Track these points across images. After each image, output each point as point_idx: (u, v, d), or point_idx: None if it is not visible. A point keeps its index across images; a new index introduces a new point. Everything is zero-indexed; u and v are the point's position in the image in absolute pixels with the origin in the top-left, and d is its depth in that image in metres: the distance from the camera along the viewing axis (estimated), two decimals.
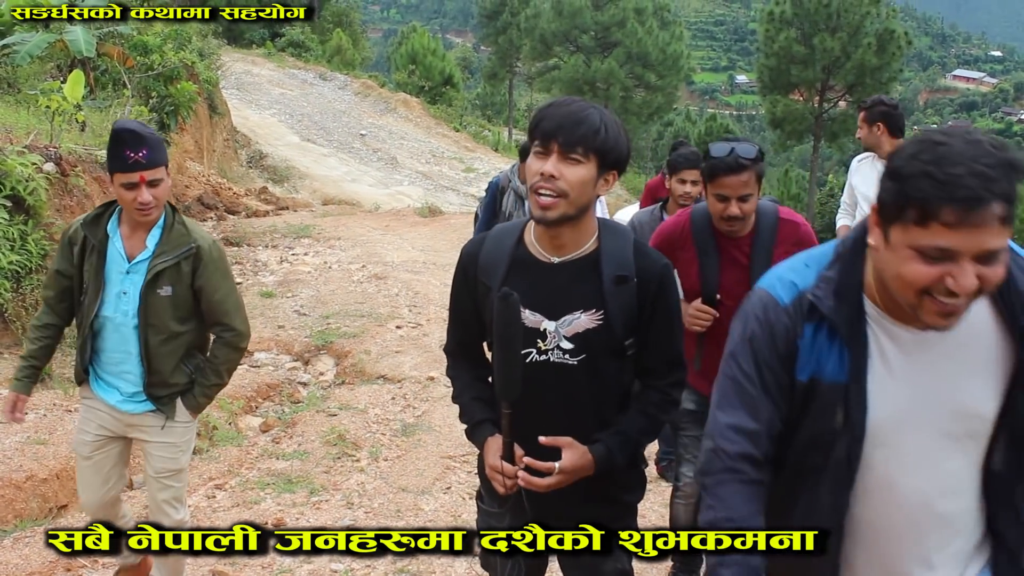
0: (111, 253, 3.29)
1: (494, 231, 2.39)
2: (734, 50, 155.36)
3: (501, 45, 48.50)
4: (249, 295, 9.15)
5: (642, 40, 38.49)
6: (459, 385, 2.51)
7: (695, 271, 3.42)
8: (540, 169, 2.14)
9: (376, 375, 7.03)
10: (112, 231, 3.31)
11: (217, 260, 3.35)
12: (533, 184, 2.16)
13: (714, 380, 1.91)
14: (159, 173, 3.16)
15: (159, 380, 3.35)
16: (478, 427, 2.40)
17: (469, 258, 2.38)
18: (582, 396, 2.30)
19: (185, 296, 3.31)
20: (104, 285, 3.28)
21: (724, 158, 3.19)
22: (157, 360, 3.32)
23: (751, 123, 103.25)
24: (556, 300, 2.25)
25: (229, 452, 5.59)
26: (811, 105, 33.04)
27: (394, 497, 5.01)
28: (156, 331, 3.29)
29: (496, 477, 2.27)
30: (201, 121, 16.02)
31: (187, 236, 3.31)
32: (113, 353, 3.36)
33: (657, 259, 2.34)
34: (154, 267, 3.25)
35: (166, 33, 13.21)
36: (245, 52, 31.22)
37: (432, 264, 10.81)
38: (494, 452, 2.29)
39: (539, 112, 2.21)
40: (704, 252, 3.40)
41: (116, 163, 3.12)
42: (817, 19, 31.64)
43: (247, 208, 14.27)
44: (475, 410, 2.42)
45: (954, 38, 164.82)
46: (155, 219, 3.24)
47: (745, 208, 3.25)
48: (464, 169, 22.93)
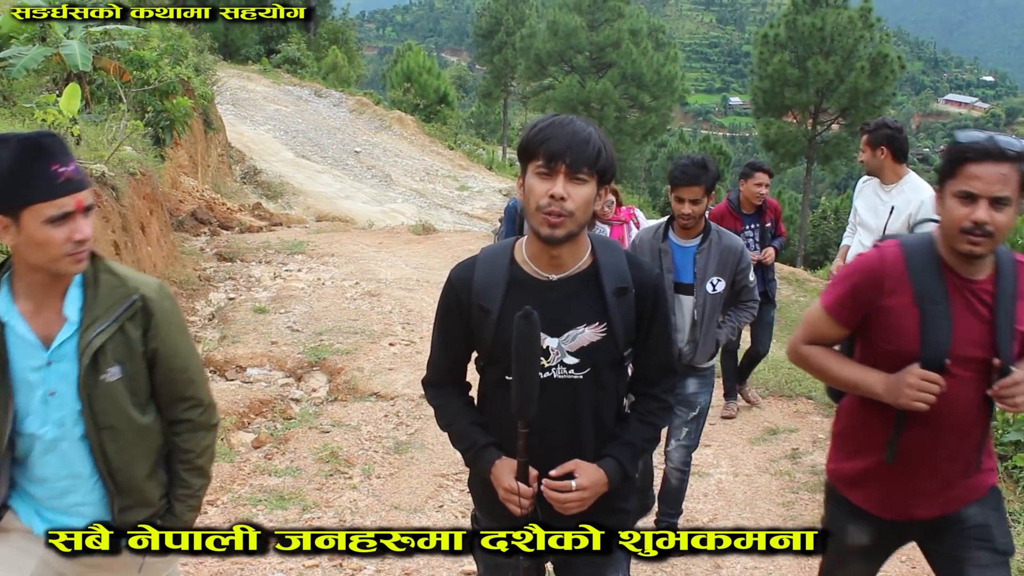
0: (13, 344, 2.24)
1: (482, 254, 2.38)
2: (728, 72, 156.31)
3: (496, 64, 48.77)
4: (242, 311, 9.14)
5: (637, 61, 38.75)
6: (450, 412, 2.48)
7: (913, 324, 2.48)
8: (549, 191, 2.15)
9: (369, 392, 7.02)
10: (5, 311, 2.25)
11: (170, 312, 2.41)
12: (541, 205, 2.16)
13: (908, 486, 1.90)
14: (91, 195, 2.23)
15: (136, 500, 2.41)
16: (483, 451, 2.37)
17: (461, 283, 2.35)
18: (584, 409, 2.32)
19: (141, 372, 2.37)
20: (13, 392, 2.25)
21: (982, 143, 2.34)
22: (125, 474, 2.37)
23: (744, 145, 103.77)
24: (558, 316, 2.26)
25: (221, 468, 5.55)
26: (804, 127, 33.24)
27: (387, 515, 4.99)
28: (115, 434, 2.33)
29: (512, 499, 2.27)
30: (196, 136, 16.05)
31: (123, 286, 2.33)
32: (54, 484, 2.34)
33: (650, 269, 2.40)
34: (88, 344, 2.25)
35: (162, 48, 13.24)
36: (241, 68, 31.31)
37: (425, 282, 10.80)
38: (508, 474, 2.29)
39: (539, 132, 2.19)
40: (928, 298, 2.46)
41: (38, 188, 2.12)
42: (811, 42, 31.87)
43: (241, 224, 14.27)
44: (476, 434, 2.40)
45: (946, 63, 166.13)
46: (81, 268, 2.26)
47: (998, 220, 2.35)
48: (458, 187, 22.97)
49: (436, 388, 2.52)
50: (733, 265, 4.24)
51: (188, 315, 8.94)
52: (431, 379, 2.53)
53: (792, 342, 2.75)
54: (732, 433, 6.38)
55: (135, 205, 8.89)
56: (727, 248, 4.23)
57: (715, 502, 5.28)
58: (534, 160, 2.18)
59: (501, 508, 2.33)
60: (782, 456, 5.94)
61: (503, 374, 2.28)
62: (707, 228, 4.26)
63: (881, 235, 5.02)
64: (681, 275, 4.25)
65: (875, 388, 2.53)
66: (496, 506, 2.36)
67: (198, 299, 9.54)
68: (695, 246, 4.24)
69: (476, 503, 2.55)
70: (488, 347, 2.32)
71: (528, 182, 2.20)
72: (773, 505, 5.23)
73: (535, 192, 2.17)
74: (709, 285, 4.21)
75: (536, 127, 2.21)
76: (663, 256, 4.24)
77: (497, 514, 2.40)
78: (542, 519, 2.30)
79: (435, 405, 2.53)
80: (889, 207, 5.02)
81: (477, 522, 2.55)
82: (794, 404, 6.78)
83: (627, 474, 2.36)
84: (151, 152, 10.82)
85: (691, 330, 4.27)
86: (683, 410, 4.35)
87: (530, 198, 2.19)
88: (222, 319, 8.94)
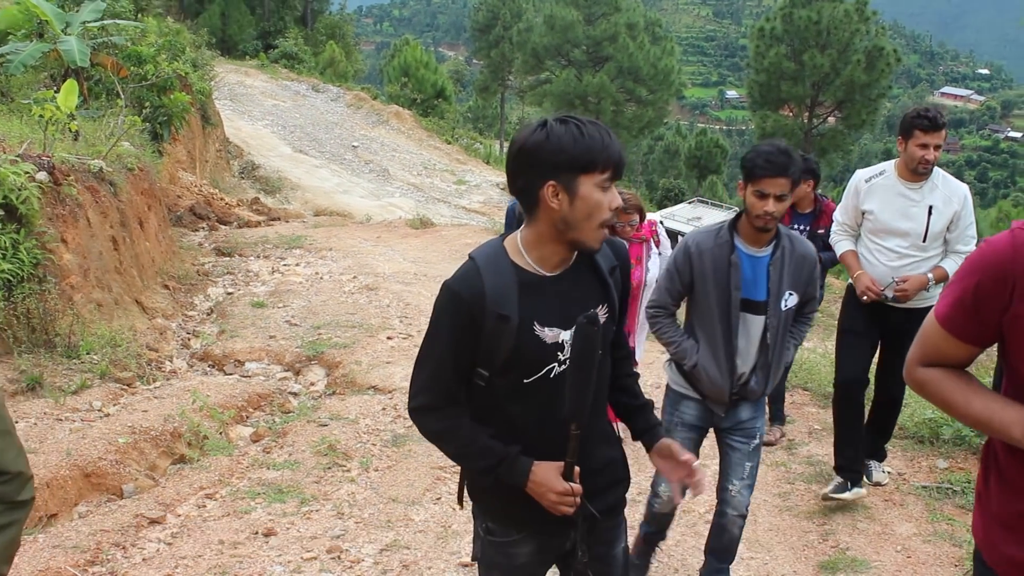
0: None
1: (480, 262, 2.23)
2: (724, 65, 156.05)
3: (493, 58, 48.74)
4: (240, 305, 9.16)
5: (633, 55, 38.70)
6: (463, 433, 2.31)
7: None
8: (613, 203, 2.16)
9: (367, 386, 7.04)
10: None
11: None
12: (605, 220, 2.16)
13: None
14: None
15: None
16: (517, 460, 2.26)
17: (474, 294, 2.18)
18: (598, 393, 2.33)
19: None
20: None
21: None
22: None
23: (741, 138, 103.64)
24: (567, 309, 2.24)
25: (219, 462, 5.59)
26: (800, 121, 33.29)
27: (384, 507, 5.02)
28: None
29: (568, 500, 2.24)
30: (194, 132, 16.05)
31: None
32: None
33: (621, 243, 2.44)
34: None
35: (160, 44, 13.24)
36: (238, 63, 31.29)
37: (423, 276, 10.82)
38: (556, 477, 2.24)
39: (597, 141, 2.10)
40: None
41: None
42: (807, 36, 31.91)
43: (239, 218, 14.29)
44: (499, 448, 2.28)
45: (942, 56, 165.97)
46: None
47: None
48: (455, 181, 22.98)
49: (437, 412, 2.32)
50: (808, 276, 3.57)
51: (186, 310, 8.97)
52: (431, 403, 2.31)
53: (908, 361, 2.10)
54: None
55: (133, 200, 8.91)
56: (801, 256, 3.54)
57: (711, 493, 5.30)
58: (593, 172, 2.11)
59: (529, 513, 2.30)
60: (778, 447, 5.97)
61: (521, 379, 2.24)
62: (777, 233, 3.52)
63: (923, 238, 4.55)
64: (752, 291, 3.51)
65: (1012, 431, 1.84)
66: (523, 512, 2.31)
67: (196, 294, 9.56)
68: (767, 256, 3.49)
69: (491, 515, 2.44)
70: (506, 355, 2.21)
71: (593, 196, 2.13)
72: (769, 495, 5.26)
73: (601, 207, 2.14)
74: (783, 302, 3.52)
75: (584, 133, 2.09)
76: (732, 271, 3.48)
77: (523, 520, 2.36)
78: (589, 511, 2.31)
79: (440, 430, 2.34)
80: (926, 207, 4.54)
81: (491, 533, 2.43)
82: (790, 396, 6.80)
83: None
84: (149, 148, 10.83)
85: (759, 354, 3.59)
86: (741, 441, 3.72)
87: (596, 212, 2.14)
88: (220, 314, 8.97)
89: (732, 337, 3.54)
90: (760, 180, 3.33)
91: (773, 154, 3.32)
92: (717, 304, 3.53)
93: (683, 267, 3.58)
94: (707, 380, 3.64)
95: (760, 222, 3.37)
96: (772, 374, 3.64)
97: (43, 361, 6.34)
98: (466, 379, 2.29)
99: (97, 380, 6.42)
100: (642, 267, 5.47)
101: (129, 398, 6.31)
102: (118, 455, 5.30)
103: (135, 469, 5.33)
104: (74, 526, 4.60)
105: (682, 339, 3.68)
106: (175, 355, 7.71)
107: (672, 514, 4.06)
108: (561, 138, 2.08)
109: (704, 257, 3.51)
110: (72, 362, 6.49)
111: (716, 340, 3.57)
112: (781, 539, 4.72)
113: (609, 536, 2.49)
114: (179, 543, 4.53)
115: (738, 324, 3.52)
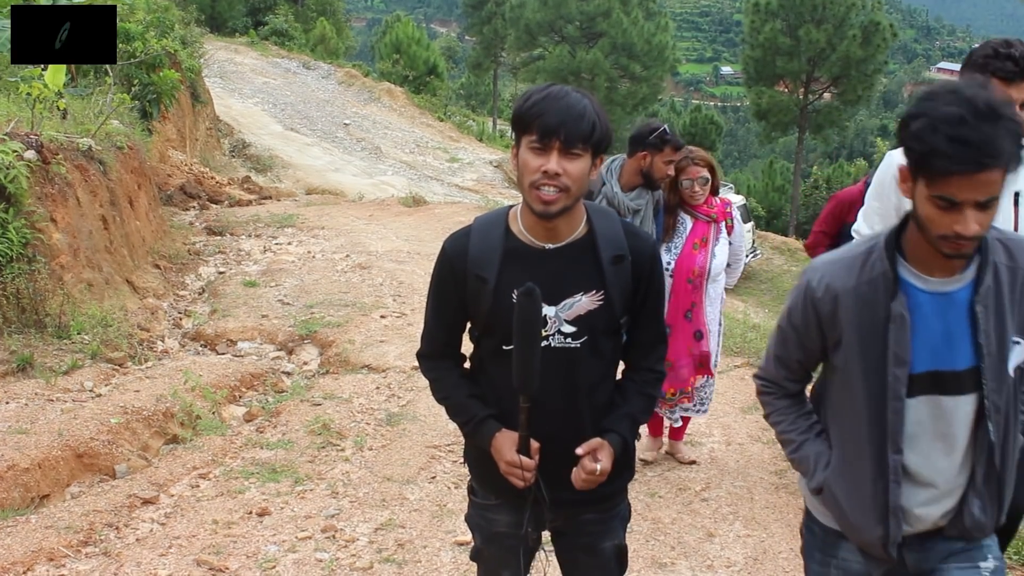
0: None
1: (476, 223, 2.36)
2: (719, 41, 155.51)
3: (486, 35, 48.41)
4: (232, 284, 9.11)
5: (627, 31, 38.47)
6: (446, 385, 2.46)
7: None
8: (542, 167, 2.13)
9: (360, 365, 7.01)
10: None
11: None
12: (534, 180, 2.14)
13: None
14: None
15: None
16: (483, 424, 2.36)
17: (456, 252, 2.32)
18: (581, 378, 2.33)
19: None
20: None
21: None
22: None
23: (736, 114, 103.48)
24: (555, 285, 2.25)
25: (213, 441, 5.56)
26: (796, 96, 33.21)
27: (379, 486, 5.00)
28: None
29: (515, 472, 2.27)
30: (184, 110, 15.93)
31: None
32: None
33: (647, 238, 2.40)
34: None
35: (148, 20, 13.09)
36: (228, 40, 31.04)
37: (416, 254, 10.78)
38: (510, 447, 2.28)
39: (533, 105, 2.15)
40: None
41: None
42: (802, 11, 31.76)
43: (230, 197, 14.21)
44: (473, 407, 2.39)
45: (939, 31, 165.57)
46: None
47: None
48: (448, 159, 22.90)
49: (431, 360, 2.49)
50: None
51: (178, 290, 8.92)
52: (425, 351, 2.49)
53: None
54: (724, 403, 6.40)
55: (123, 179, 8.83)
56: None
57: (708, 471, 5.30)
58: (528, 134, 2.15)
59: (500, 480, 2.33)
60: None
61: (500, 344, 2.29)
62: (981, 249, 1.99)
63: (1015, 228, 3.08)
64: (943, 356, 2.01)
65: None
66: (495, 478, 2.35)
67: (188, 273, 9.51)
68: (967, 289, 2.00)
69: (473, 475, 2.54)
70: (484, 317, 2.31)
71: (522, 156, 2.18)
72: (766, 474, 5.25)
73: (529, 167, 2.15)
74: (1010, 361, 2.02)
75: (530, 99, 2.17)
76: (893, 329, 1.98)
77: (496, 486, 2.40)
78: (544, 492, 2.30)
79: (430, 378, 2.50)
80: (1011, 193, 3.08)
81: (474, 494, 2.54)
82: None
83: (627, 446, 2.39)
84: (138, 126, 10.74)
85: (977, 458, 2.05)
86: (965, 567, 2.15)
87: (524, 173, 2.17)
88: (212, 293, 8.92)
89: (886, 443, 2.04)
90: (949, 179, 1.80)
91: (970, 128, 1.75)
92: (864, 385, 2.05)
93: (803, 322, 2.13)
94: (839, 515, 2.18)
95: (950, 248, 1.88)
96: (1004, 489, 2.09)
97: (33, 341, 6.29)
98: (458, 332, 2.44)
99: (88, 360, 6.37)
100: (707, 250, 4.79)
101: (121, 378, 6.27)
102: (110, 435, 5.26)
103: (128, 449, 5.30)
104: (67, 507, 4.57)
105: (803, 438, 2.23)
106: (167, 335, 7.66)
107: None
108: (518, 103, 2.20)
109: (841, 304, 2.04)
110: (63, 342, 6.43)
111: (860, 446, 2.09)
112: (778, 516, 4.71)
113: (595, 528, 2.48)
114: (172, 523, 4.50)
115: (900, 423, 2.02)
